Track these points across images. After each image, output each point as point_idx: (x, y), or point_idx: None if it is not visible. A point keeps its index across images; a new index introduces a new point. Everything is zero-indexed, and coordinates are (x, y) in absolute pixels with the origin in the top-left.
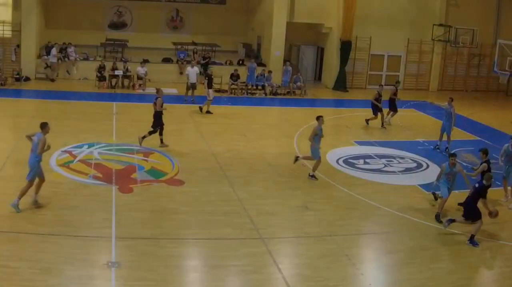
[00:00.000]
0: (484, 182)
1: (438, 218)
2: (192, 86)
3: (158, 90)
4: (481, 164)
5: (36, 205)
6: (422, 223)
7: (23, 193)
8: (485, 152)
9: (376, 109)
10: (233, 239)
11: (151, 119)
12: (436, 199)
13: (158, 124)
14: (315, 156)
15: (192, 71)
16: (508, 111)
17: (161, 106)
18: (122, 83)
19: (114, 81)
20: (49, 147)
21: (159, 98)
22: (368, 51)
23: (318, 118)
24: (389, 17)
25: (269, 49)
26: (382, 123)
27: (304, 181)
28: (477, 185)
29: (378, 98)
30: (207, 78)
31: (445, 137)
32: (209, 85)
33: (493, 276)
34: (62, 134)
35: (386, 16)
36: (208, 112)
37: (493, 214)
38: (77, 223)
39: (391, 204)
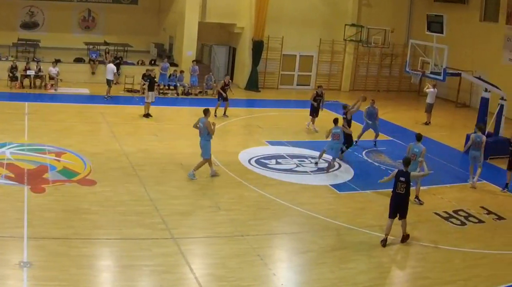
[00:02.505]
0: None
1: None
2: (108, 83)
3: (345, 106)
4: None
5: (215, 174)
6: (333, 222)
7: (199, 166)
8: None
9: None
10: (145, 239)
11: (63, 119)
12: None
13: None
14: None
15: (107, 67)
16: (420, 111)
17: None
18: (34, 83)
19: (26, 81)
20: (214, 126)
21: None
22: (280, 51)
23: (420, 137)
24: (301, 17)
25: (181, 49)
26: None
27: (216, 181)
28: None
29: (316, 98)
30: (148, 80)
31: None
32: (150, 88)
33: (405, 276)
34: None
35: (298, 16)
36: (147, 115)
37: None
38: None
39: (303, 204)
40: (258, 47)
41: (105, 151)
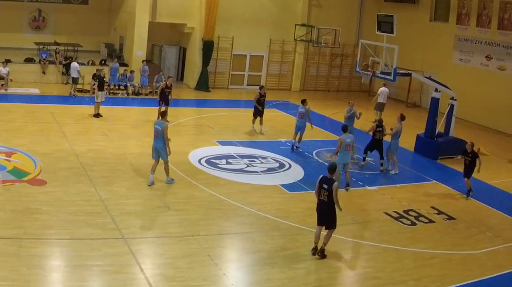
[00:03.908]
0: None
1: None
2: (73, 81)
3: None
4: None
5: (153, 183)
6: (283, 222)
7: (167, 170)
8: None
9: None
10: (96, 239)
11: (13, 119)
12: None
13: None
14: None
15: (71, 66)
16: (370, 111)
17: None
18: None
19: None
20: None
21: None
22: (231, 51)
23: (346, 129)
24: (252, 17)
25: (132, 49)
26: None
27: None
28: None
29: (259, 99)
30: (98, 80)
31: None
32: (100, 87)
33: (355, 276)
34: None
35: (249, 16)
36: (97, 115)
37: None
38: None
39: (253, 204)
40: (208, 47)
41: (56, 151)
